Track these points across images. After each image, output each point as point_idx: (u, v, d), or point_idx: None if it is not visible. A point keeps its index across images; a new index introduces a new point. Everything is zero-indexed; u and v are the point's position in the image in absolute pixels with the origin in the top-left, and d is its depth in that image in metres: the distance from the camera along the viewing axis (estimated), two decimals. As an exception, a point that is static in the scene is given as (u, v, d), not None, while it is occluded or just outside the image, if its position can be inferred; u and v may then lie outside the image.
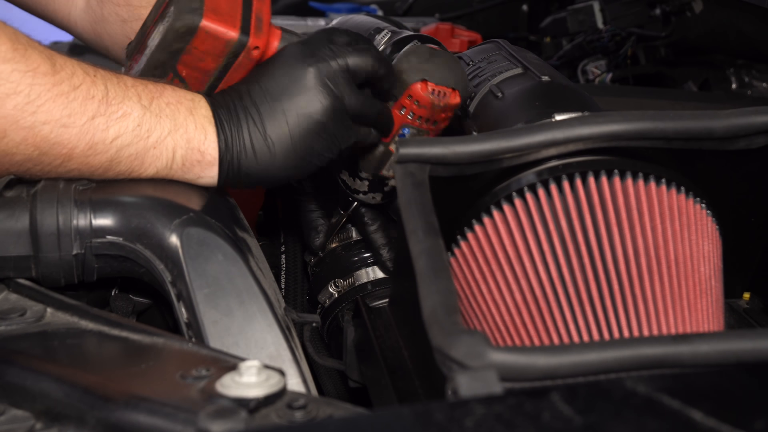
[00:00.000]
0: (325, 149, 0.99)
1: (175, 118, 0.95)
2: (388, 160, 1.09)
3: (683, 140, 0.87)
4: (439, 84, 1.03)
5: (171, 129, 0.94)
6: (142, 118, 0.93)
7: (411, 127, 1.06)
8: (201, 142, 0.96)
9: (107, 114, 0.91)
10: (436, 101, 1.03)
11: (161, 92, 0.96)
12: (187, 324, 0.91)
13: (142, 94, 0.94)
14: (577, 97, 1.02)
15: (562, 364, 0.66)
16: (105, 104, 0.91)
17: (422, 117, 1.05)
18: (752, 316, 0.98)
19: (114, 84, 0.93)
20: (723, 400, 0.63)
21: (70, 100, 0.89)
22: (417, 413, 0.62)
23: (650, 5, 1.92)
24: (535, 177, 0.87)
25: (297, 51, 1.00)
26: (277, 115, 0.97)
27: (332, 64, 0.99)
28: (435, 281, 0.72)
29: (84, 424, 0.74)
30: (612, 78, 1.88)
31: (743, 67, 1.84)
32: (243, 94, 0.99)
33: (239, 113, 0.97)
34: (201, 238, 0.93)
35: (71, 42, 2.14)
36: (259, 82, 0.99)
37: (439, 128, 1.06)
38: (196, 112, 0.97)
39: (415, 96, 1.03)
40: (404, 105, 1.05)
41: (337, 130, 0.99)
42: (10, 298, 0.92)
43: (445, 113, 1.05)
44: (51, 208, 0.92)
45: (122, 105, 0.92)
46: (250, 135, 0.97)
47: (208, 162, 0.97)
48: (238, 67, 1.01)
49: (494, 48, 1.17)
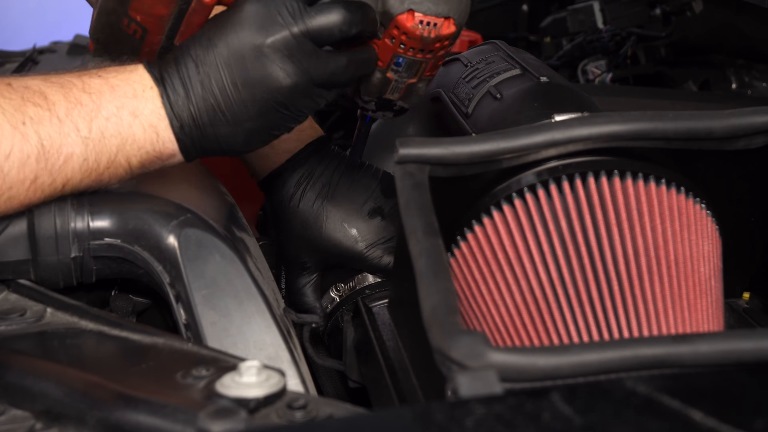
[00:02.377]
0: (289, 121, 0.95)
1: (119, 132, 0.90)
2: (389, 85, 1.03)
3: (683, 140, 0.87)
4: (428, 14, 0.95)
5: (119, 145, 0.90)
6: (86, 152, 0.88)
7: (405, 57, 0.99)
8: (153, 143, 0.91)
9: (48, 168, 0.87)
10: (425, 33, 0.96)
11: (99, 105, 0.89)
12: (186, 325, 0.91)
13: (79, 120, 0.88)
14: (575, 98, 1.02)
15: (562, 365, 0.66)
16: (43, 160, 0.86)
17: (414, 48, 0.98)
18: (752, 316, 0.98)
19: (46, 125, 0.86)
20: (723, 400, 0.63)
21: (5, 174, 0.84)
22: (417, 413, 0.62)
23: (650, 5, 1.92)
24: (534, 177, 0.87)
25: (255, 15, 0.91)
26: (234, 92, 0.91)
27: (291, 31, 0.90)
28: (435, 282, 0.72)
29: (84, 424, 0.74)
30: (612, 78, 1.88)
31: (743, 67, 1.84)
32: (197, 62, 0.92)
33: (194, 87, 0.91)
34: (199, 239, 0.93)
35: (71, 42, 2.14)
36: (215, 50, 0.91)
37: (438, 56, 1.00)
38: (141, 112, 0.91)
39: (402, 28, 0.96)
40: (393, 35, 0.97)
41: (301, 103, 0.93)
42: (10, 298, 0.92)
43: (440, 43, 0.98)
44: (48, 211, 0.92)
45: (61, 150, 0.87)
46: (208, 114, 0.91)
47: (168, 155, 0.93)
48: (192, 14, 0.95)
49: (492, 49, 1.17)
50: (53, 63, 2.00)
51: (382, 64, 1.01)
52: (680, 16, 1.83)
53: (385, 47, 0.99)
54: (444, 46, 0.99)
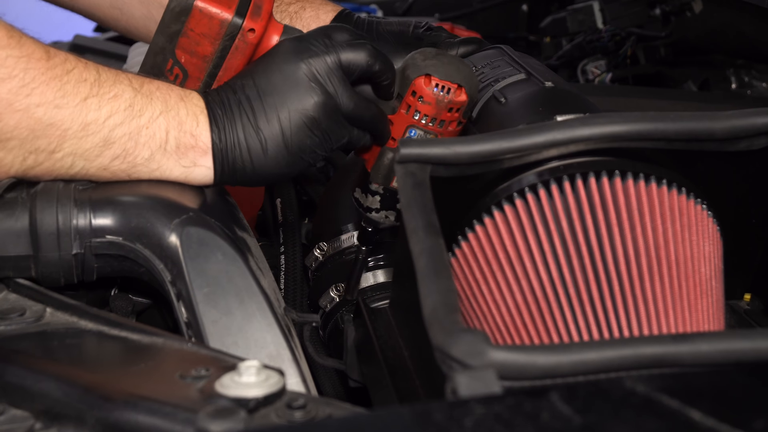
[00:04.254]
0: (317, 146, 0.99)
1: (166, 101, 0.97)
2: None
3: (684, 141, 0.87)
4: (444, 79, 1.01)
5: (162, 110, 0.96)
6: (133, 99, 0.95)
7: (417, 129, 1.04)
8: (193, 127, 0.97)
9: (99, 95, 0.93)
10: (440, 97, 1.02)
11: (152, 80, 0.98)
12: (187, 323, 0.91)
13: (133, 79, 0.96)
14: (580, 103, 1.02)
15: (562, 363, 0.66)
16: (97, 86, 0.93)
17: (428, 116, 1.03)
18: (753, 318, 0.98)
19: (105, 70, 0.96)
20: (722, 399, 0.63)
21: (63, 83, 0.91)
22: (416, 413, 0.62)
23: (650, 5, 1.92)
24: (535, 177, 0.87)
25: (290, 46, 1.01)
26: (269, 111, 0.98)
27: (325, 59, 0.99)
28: (435, 281, 0.72)
29: (83, 424, 0.74)
30: (612, 78, 1.88)
31: (743, 67, 1.84)
32: (236, 89, 0.99)
33: (232, 109, 0.98)
34: (200, 238, 0.93)
35: (71, 42, 2.14)
36: (253, 78, 1.00)
37: (448, 131, 1.05)
38: (188, 100, 0.98)
39: (419, 92, 1.02)
40: (409, 103, 1.03)
41: (329, 126, 0.99)
42: (10, 297, 0.92)
43: (451, 112, 1.03)
44: (51, 207, 0.92)
45: (114, 87, 0.94)
46: (243, 131, 0.98)
47: (202, 149, 0.97)
48: (235, 52, 1.02)
49: (497, 54, 1.17)
50: (53, 63, 2.00)
51: (394, 143, 1.06)
52: (680, 16, 1.83)
53: (399, 120, 1.05)
54: (455, 118, 1.04)
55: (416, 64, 1.03)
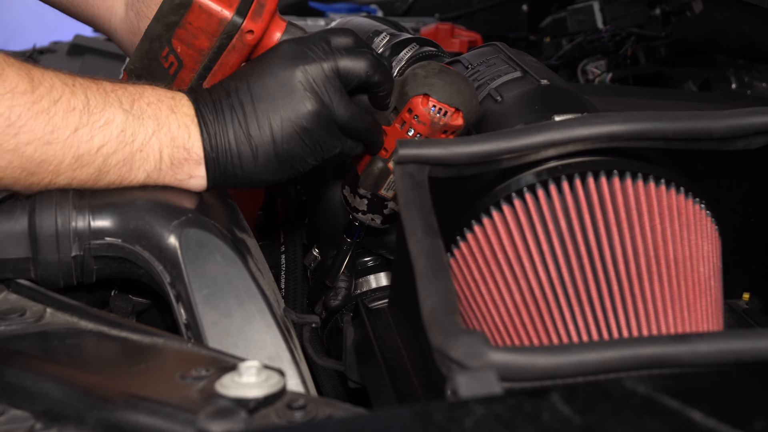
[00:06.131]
0: (308, 155, 0.98)
1: (157, 117, 0.94)
2: (386, 178, 1.06)
3: (682, 141, 0.87)
4: (442, 101, 0.99)
5: (155, 129, 0.94)
6: (125, 123, 0.92)
7: None
8: (185, 140, 0.95)
9: (90, 124, 0.90)
10: (435, 119, 0.99)
11: (141, 93, 0.95)
12: (186, 325, 0.91)
13: (123, 98, 0.94)
14: (576, 101, 1.02)
15: (562, 364, 0.66)
16: (87, 114, 0.90)
17: (421, 135, 1.01)
18: (752, 317, 0.98)
19: (94, 92, 0.92)
20: (722, 400, 0.63)
21: (51, 116, 0.88)
22: (416, 413, 0.62)
23: (650, 5, 1.93)
24: (534, 178, 0.87)
25: (288, 50, 0.99)
26: (261, 117, 0.96)
27: (322, 66, 0.97)
28: (434, 281, 0.72)
29: (83, 425, 0.74)
30: (612, 78, 1.89)
31: (743, 67, 1.84)
32: (230, 91, 0.98)
33: (224, 113, 0.96)
34: (200, 239, 0.93)
35: (71, 42, 2.14)
36: (248, 81, 0.98)
37: None
38: (178, 110, 0.96)
39: (415, 110, 1.00)
40: (404, 119, 1.01)
41: (321, 137, 0.97)
42: (10, 298, 0.92)
43: (445, 134, 1.01)
44: (50, 210, 0.92)
45: (104, 112, 0.91)
46: (234, 137, 0.96)
47: (195, 160, 0.96)
48: (232, 50, 1.00)
49: (493, 51, 1.16)
50: (53, 63, 2.00)
51: (386, 153, 1.05)
52: (680, 16, 1.84)
53: (393, 133, 1.03)
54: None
55: (416, 80, 1.01)
